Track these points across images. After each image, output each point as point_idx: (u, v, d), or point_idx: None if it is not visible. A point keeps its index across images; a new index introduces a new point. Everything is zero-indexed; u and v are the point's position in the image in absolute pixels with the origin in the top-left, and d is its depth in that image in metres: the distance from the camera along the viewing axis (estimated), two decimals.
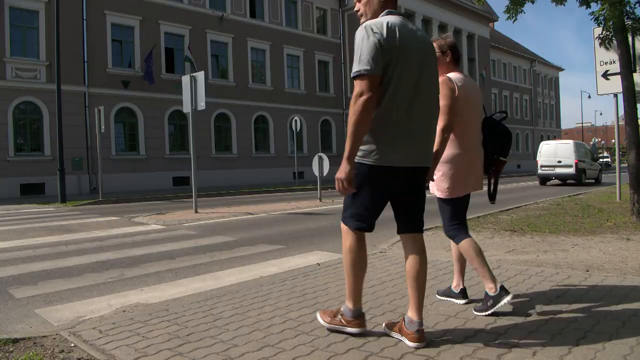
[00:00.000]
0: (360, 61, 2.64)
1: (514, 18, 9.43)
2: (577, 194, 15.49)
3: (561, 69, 65.79)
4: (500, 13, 47.60)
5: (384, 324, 3.14)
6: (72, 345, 3.09)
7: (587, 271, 4.68)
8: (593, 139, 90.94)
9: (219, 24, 27.86)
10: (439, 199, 3.64)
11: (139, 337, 3.16)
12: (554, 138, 57.98)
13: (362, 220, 2.99)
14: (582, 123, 69.61)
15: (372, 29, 2.67)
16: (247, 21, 29.41)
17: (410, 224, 3.17)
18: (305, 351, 2.82)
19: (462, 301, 3.71)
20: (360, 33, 2.71)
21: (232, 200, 17.34)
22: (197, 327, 3.34)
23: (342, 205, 3.09)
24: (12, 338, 3.20)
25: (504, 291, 3.33)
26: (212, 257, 6.25)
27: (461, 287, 3.76)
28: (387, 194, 2.99)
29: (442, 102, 3.24)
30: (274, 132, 30.69)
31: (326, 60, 34.32)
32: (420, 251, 3.13)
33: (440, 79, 3.29)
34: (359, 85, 2.62)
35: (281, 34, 31.13)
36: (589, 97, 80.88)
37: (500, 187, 20.17)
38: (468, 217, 4.03)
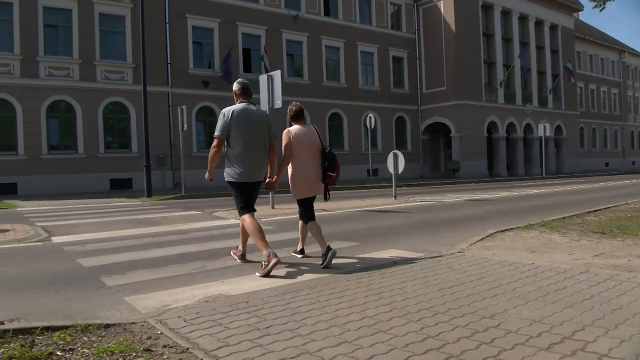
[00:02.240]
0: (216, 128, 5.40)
1: (602, 7, 8.90)
2: None
3: None
4: (585, 2, 45.34)
5: None
6: (159, 332, 3.26)
7: None
8: None
9: (294, 23, 28.22)
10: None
11: (221, 327, 3.28)
12: None
13: (246, 208, 5.43)
14: None
15: (223, 113, 5.36)
16: (321, 19, 29.60)
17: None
18: (383, 349, 2.82)
19: (300, 256, 6.04)
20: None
21: None
22: (275, 320, 3.41)
23: (417, 203, 3.14)
24: (104, 324, 3.41)
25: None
26: (289, 252, 6.35)
27: (300, 247, 6.11)
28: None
29: (283, 143, 5.62)
30: (348, 130, 30.74)
31: (400, 56, 33.95)
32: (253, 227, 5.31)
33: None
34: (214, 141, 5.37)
35: (355, 31, 31.10)
36: None
37: (586, 186, 19.10)
38: (552, 217, 5.91)
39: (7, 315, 3.80)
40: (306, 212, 5.84)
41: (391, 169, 14.43)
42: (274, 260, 4.93)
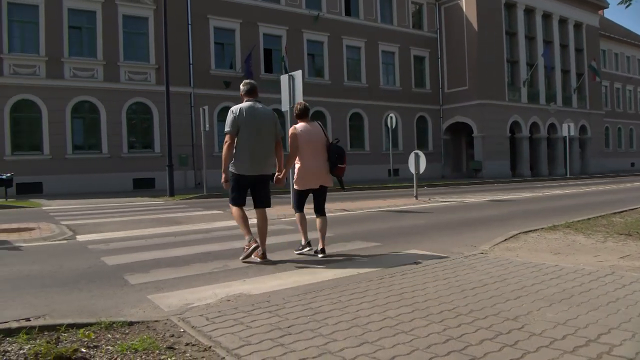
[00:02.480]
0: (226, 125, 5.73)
1: (627, 3, 8.71)
2: None
3: None
4: None
5: None
6: (182, 330, 3.28)
7: None
8: None
9: (315, 24, 28.25)
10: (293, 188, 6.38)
11: (243, 326, 3.29)
12: None
13: (236, 201, 5.91)
14: None
15: (232, 111, 5.73)
16: (342, 19, 29.60)
17: (261, 203, 6.01)
18: (405, 350, 2.80)
19: (307, 249, 6.24)
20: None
21: (328, 196, 17.43)
22: (297, 319, 3.41)
23: (439, 203, 3.19)
24: (128, 321, 3.44)
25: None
26: (309, 252, 6.36)
27: (307, 241, 6.26)
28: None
29: (289, 141, 6.09)
30: (368, 129, 30.68)
31: (422, 55, 33.77)
32: (263, 218, 6.00)
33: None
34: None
35: (376, 31, 31.03)
36: None
37: (611, 187, 18.73)
38: (576, 218, 5.96)
39: (33, 312, 3.87)
40: (300, 200, 6.28)
41: (412, 169, 14.36)
42: (253, 245, 5.59)
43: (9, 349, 2.92)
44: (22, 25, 20.77)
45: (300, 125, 6.17)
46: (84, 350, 2.90)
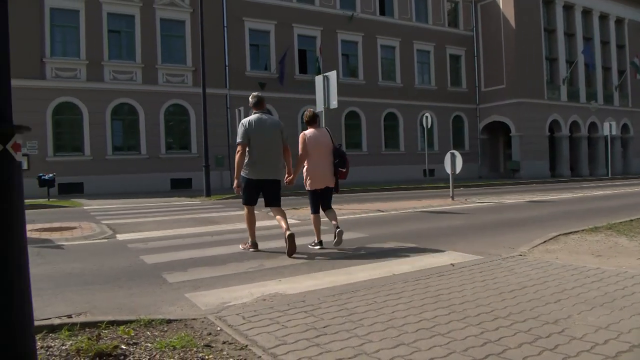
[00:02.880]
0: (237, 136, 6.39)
1: None
2: None
3: None
4: None
5: None
6: (219, 329, 3.32)
7: None
8: None
9: (349, 23, 28.21)
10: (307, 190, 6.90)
11: (279, 326, 3.31)
12: None
13: (248, 201, 6.52)
14: None
15: (242, 123, 6.38)
16: (377, 19, 29.47)
17: (271, 203, 6.54)
18: (442, 353, 2.77)
19: (318, 247, 6.72)
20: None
21: (362, 197, 17.49)
22: (332, 320, 3.41)
23: (475, 204, 3.14)
24: (166, 319, 3.50)
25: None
26: (345, 252, 6.36)
27: (319, 240, 6.81)
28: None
29: (299, 145, 6.66)
30: (403, 129, 30.47)
31: (458, 54, 33.35)
32: (279, 211, 6.48)
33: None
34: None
35: (411, 30, 30.78)
36: None
37: None
38: (619, 220, 6.45)
39: (75, 309, 3.98)
40: (315, 203, 6.81)
41: (448, 169, 14.20)
42: (252, 249, 6.51)
43: (52, 344, 3.01)
44: (63, 30, 21.38)
45: (309, 131, 6.76)
46: (124, 347, 2.96)
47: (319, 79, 12.47)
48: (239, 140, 6.34)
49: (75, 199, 17.83)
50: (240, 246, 6.73)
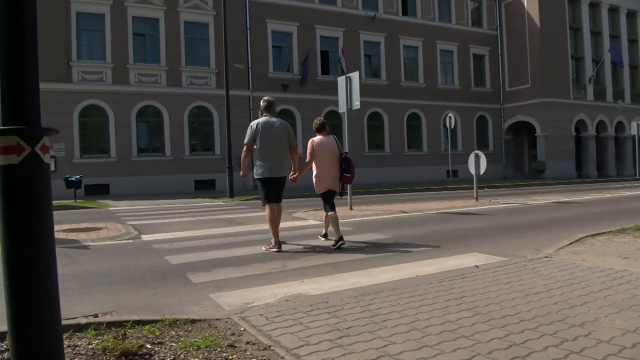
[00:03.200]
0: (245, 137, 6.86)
1: None
2: None
3: None
4: None
5: None
6: (242, 329, 3.34)
7: None
8: None
9: (372, 24, 28.15)
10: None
11: (302, 327, 3.32)
12: None
13: (268, 199, 6.87)
14: None
15: (251, 126, 6.82)
16: (399, 19, 29.34)
17: (277, 199, 6.93)
18: (466, 355, 2.75)
19: (323, 239, 7.55)
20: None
21: (385, 198, 17.43)
22: (355, 321, 3.41)
23: (500, 205, 3.10)
24: (191, 319, 3.54)
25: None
26: (368, 253, 6.35)
27: (324, 232, 7.65)
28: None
29: (308, 150, 7.23)
30: (426, 130, 30.27)
31: (482, 53, 33.01)
32: (279, 208, 6.98)
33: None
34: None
35: (434, 30, 30.57)
36: None
37: None
38: None
39: (101, 308, 4.05)
40: (327, 204, 7.26)
41: (472, 170, 14.06)
42: (275, 249, 6.65)
43: (79, 343, 3.07)
44: (89, 34, 21.75)
45: (317, 137, 7.34)
46: (149, 347, 3.00)
47: (341, 80, 12.46)
48: (245, 141, 6.88)
49: (101, 200, 18.11)
50: (264, 247, 6.82)
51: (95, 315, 3.77)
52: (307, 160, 7.22)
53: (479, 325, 3.26)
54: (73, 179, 17.43)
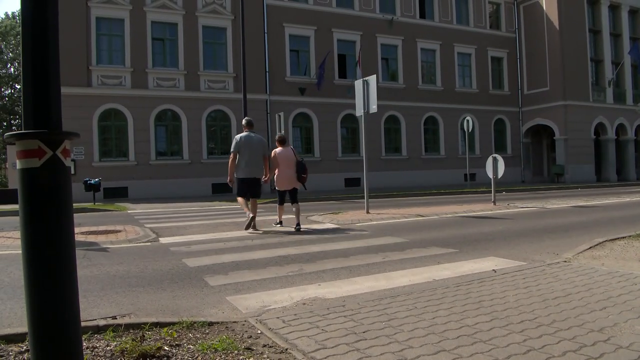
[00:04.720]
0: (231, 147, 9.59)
1: None
2: None
3: None
4: None
5: None
6: (259, 332, 3.36)
7: None
8: None
9: (389, 27, 28.11)
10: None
11: (318, 330, 3.32)
12: None
13: (240, 194, 9.48)
14: None
15: (235, 138, 9.48)
16: (417, 22, 29.28)
17: (252, 195, 9.41)
18: None
19: (278, 226, 9.86)
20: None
21: (402, 201, 17.36)
22: (372, 325, 3.40)
23: (518, 209, 3.09)
24: (208, 321, 3.57)
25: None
26: (384, 257, 6.33)
27: (279, 221, 9.94)
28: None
29: (271, 158, 9.71)
30: (444, 133, 30.12)
31: (500, 56, 32.78)
32: (254, 202, 9.45)
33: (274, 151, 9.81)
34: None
35: (452, 32, 30.44)
36: None
37: None
38: None
39: (119, 310, 4.09)
40: (281, 198, 9.89)
41: (490, 174, 13.95)
42: (251, 216, 9.09)
43: (97, 345, 3.10)
44: (109, 39, 22.05)
45: (278, 149, 9.69)
46: (167, 349, 3.02)
47: (358, 84, 12.46)
48: (232, 150, 9.33)
49: (120, 203, 18.30)
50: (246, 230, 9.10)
51: (114, 317, 3.81)
52: (272, 165, 9.61)
53: (497, 330, 3.24)
54: (92, 182, 17.63)
